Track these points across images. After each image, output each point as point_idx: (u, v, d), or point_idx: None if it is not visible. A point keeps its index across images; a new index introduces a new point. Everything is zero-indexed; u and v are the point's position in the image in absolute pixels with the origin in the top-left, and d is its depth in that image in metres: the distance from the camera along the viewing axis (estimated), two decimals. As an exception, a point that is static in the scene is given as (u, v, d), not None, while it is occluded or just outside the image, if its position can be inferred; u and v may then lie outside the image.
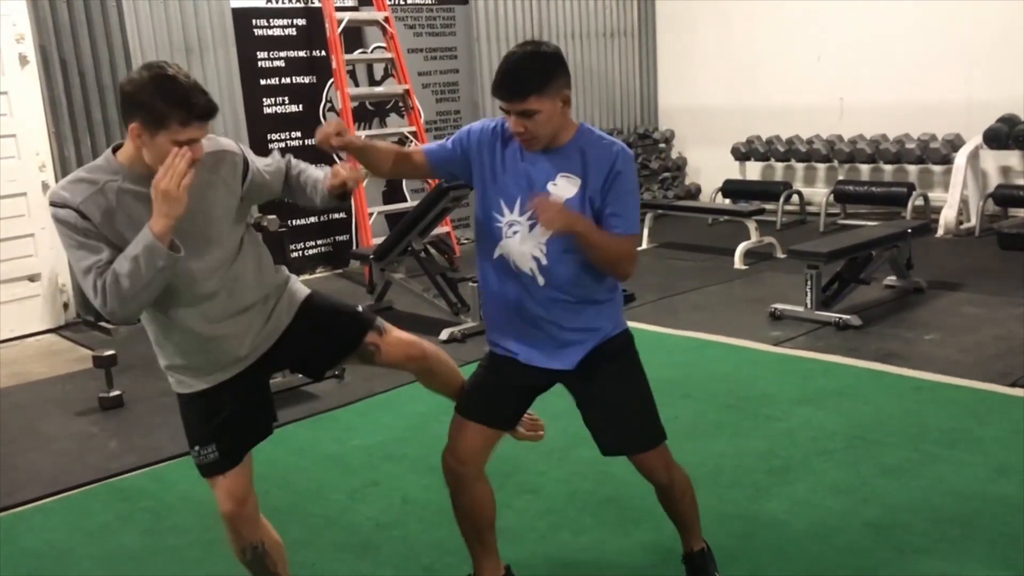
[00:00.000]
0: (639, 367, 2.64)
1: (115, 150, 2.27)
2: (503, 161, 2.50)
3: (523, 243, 2.47)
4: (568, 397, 4.43)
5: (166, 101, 2.10)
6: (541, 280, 2.49)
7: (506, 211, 2.49)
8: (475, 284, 5.80)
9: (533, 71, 2.37)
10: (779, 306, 5.77)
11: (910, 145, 8.53)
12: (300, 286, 2.62)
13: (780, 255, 7.39)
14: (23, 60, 6.34)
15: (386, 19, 7.90)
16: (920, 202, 8.31)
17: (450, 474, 2.69)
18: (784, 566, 2.97)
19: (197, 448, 2.46)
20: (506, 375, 2.63)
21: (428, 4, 8.64)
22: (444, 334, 5.67)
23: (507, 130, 2.49)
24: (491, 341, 2.68)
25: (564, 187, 2.43)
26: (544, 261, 2.47)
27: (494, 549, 2.82)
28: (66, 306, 6.65)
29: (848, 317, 5.47)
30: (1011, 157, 8.20)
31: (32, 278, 6.48)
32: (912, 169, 8.73)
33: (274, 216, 7.25)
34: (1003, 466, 3.55)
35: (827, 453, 3.78)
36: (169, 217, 2.14)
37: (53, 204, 2.19)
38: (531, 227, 2.46)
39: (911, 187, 8.34)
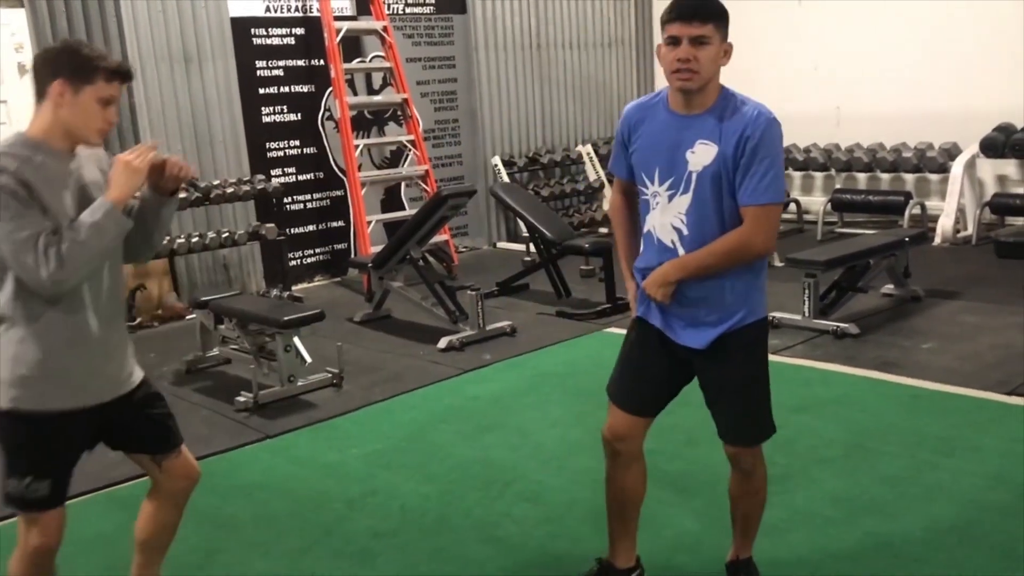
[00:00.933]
0: (765, 362, 2.64)
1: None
2: (647, 132, 2.53)
3: (663, 214, 2.50)
4: (566, 404, 4.43)
5: (92, 55, 2.23)
6: (682, 252, 2.48)
7: (649, 183, 2.52)
8: (473, 292, 5.82)
9: (715, 1, 2.39)
10: (777, 315, 5.77)
11: (907, 154, 8.55)
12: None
13: (778, 263, 7.39)
14: (22, 69, 6.35)
15: (384, 28, 7.92)
16: (917, 211, 8.32)
17: (608, 448, 2.73)
18: (783, 575, 2.97)
19: (29, 480, 2.27)
20: (650, 348, 2.63)
21: (427, 13, 8.67)
22: (442, 342, 5.67)
23: (653, 103, 2.53)
24: (640, 309, 2.66)
25: (702, 153, 2.42)
26: (685, 232, 2.47)
27: (633, 534, 2.83)
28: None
29: (846, 326, 5.47)
30: (1007, 166, 8.22)
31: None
32: (909, 178, 8.75)
33: (272, 224, 7.31)
34: (1001, 475, 3.55)
35: (826, 461, 3.79)
36: (127, 189, 2.25)
37: None
38: (670, 197, 2.48)
39: (908, 196, 8.36)
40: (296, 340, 5.01)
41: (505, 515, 3.50)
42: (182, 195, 2.53)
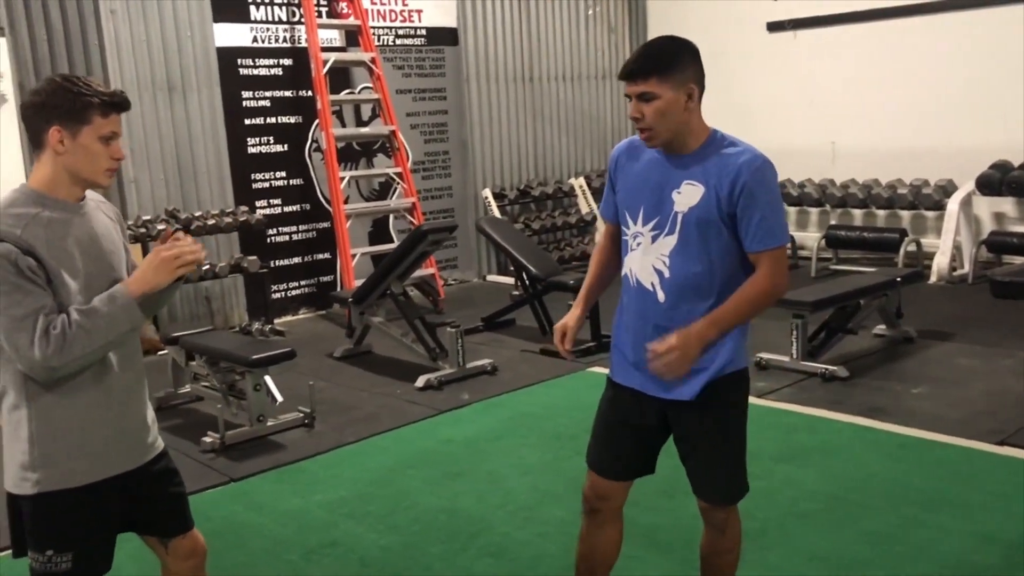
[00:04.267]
0: (744, 417, 2.52)
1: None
2: (633, 173, 2.45)
3: (645, 255, 2.39)
4: (542, 449, 4.28)
5: (84, 94, 2.05)
6: (661, 296, 2.38)
7: (631, 223, 2.43)
8: (453, 329, 5.68)
9: (660, 52, 2.30)
10: (764, 355, 5.62)
11: (903, 190, 8.43)
12: None
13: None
14: (1, 99, 6.26)
15: (372, 60, 7.85)
16: (913, 247, 8.19)
17: (587, 505, 2.65)
18: (754, 642, 2.81)
19: (50, 553, 2.12)
20: (623, 410, 2.53)
21: (417, 45, 8.60)
22: (420, 381, 5.52)
23: (641, 142, 2.44)
24: (612, 368, 2.57)
25: (688, 194, 2.33)
26: (667, 274, 2.36)
27: None
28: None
29: (834, 368, 5.32)
30: (1004, 203, 8.09)
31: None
32: (905, 215, 8.62)
33: (255, 257, 7.19)
34: (988, 534, 3.38)
35: (806, 516, 3.62)
36: (152, 285, 2.07)
37: None
38: (653, 238, 2.37)
39: (903, 233, 8.23)
40: (267, 379, 4.87)
41: (467, 571, 3.33)
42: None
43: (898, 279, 5.96)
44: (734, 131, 2.42)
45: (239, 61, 7.46)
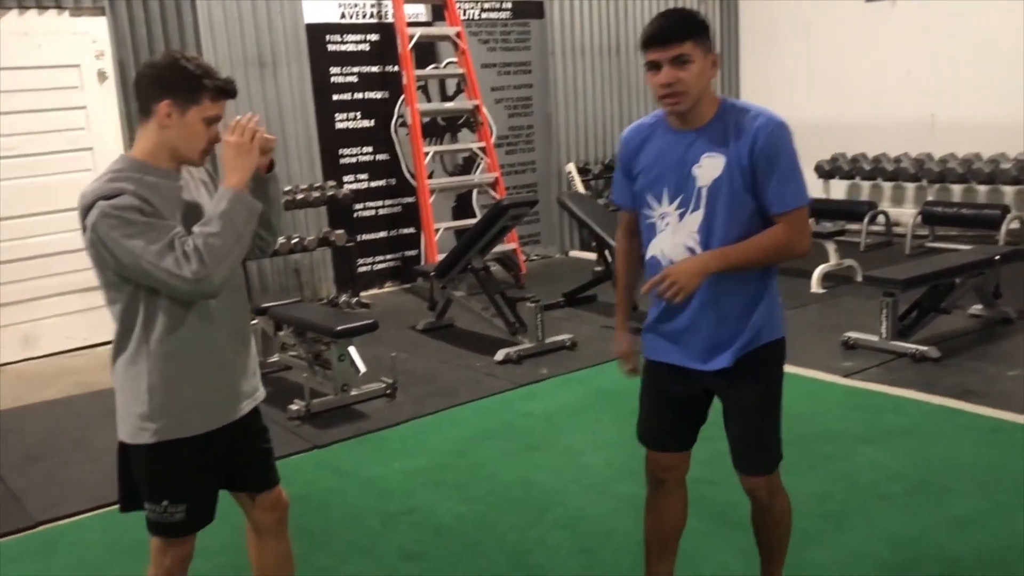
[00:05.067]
0: (780, 388, 2.52)
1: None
2: (649, 154, 2.45)
3: (675, 234, 2.39)
4: (618, 425, 4.28)
5: (198, 74, 2.15)
6: None
7: (656, 204, 2.43)
8: (533, 304, 5.69)
9: (688, 18, 2.32)
10: (853, 335, 5.48)
11: (1006, 165, 8.06)
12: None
13: (859, 279, 7.06)
14: (102, 76, 6.51)
15: (458, 34, 7.87)
16: (1016, 225, 7.84)
17: (651, 476, 2.68)
18: (828, 624, 2.76)
19: (166, 504, 2.28)
20: (664, 385, 2.56)
21: (503, 19, 8.59)
22: (499, 355, 5.57)
23: (651, 124, 2.46)
24: (646, 346, 2.60)
25: (709, 167, 2.33)
26: (699, 251, 2.35)
27: (670, 567, 2.75)
28: (137, 316, 6.79)
29: (925, 348, 5.15)
30: (1117, 178, 7.67)
31: (105, 288, 6.64)
32: (1008, 190, 8.25)
33: (342, 231, 7.33)
34: (1083, 522, 3.24)
35: (888, 498, 3.53)
36: (244, 170, 2.18)
37: (104, 197, 2.09)
38: (680, 216, 2.38)
39: (1006, 209, 7.87)
40: (351, 349, 4.98)
41: (540, 542, 3.36)
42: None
43: (996, 257, 5.72)
44: (827, 103, 2.38)
45: (327, 37, 7.58)
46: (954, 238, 8.31)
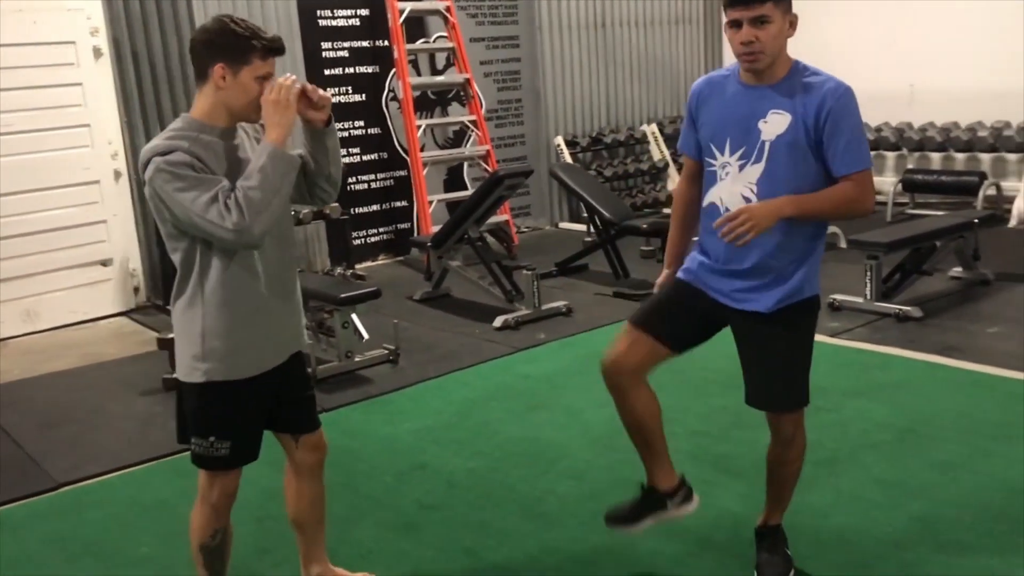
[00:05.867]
0: (812, 339, 2.66)
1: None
2: (718, 105, 2.58)
3: (734, 183, 2.54)
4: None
5: (246, 36, 2.29)
6: None
7: (718, 154, 2.57)
8: (529, 272, 5.85)
9: None
10: (839, 297, 5.67)
11: (983, 133, 8.28)
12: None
13: (843, 245, 7.25)
14: (97, 53, 6.57)
15: (447, 8, 7.96)
16: (992, 191, 8.06)
17: (609, 381, 2.74)
18: (825, 557, 2.95)
19: (213, 439, 2.44)
20: (689, 297, 2.67)
21: (490, -7, 8.68)
22: (498, 321, 5.73)
23: (724, 76, 2.59)
24: (686, 270, 2.71)
25: (775, 123, 2.46)
26: (754, 201, 2.49)
27: (666, 457, 2.85)
28: (136, 290, 6.89)
29: (909, 309, 5.36)
30: (1090, 145, 7.90)
31: (105, 263, 6.73)
32: (985, 158, 8.47)
33: (336, 204, 7.42)
34: (1059, 463, 3.46)
35: (876, 446, 3.73)
36: (283, 126, 2.29)
37: (160, 153, 2.24)
38: (740, 167, 2.52)
39: (983, 176, 8.10)
40: (354, 317, 5.12)
41: (549, 491, 3.54)
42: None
43: (975, 220, 5.93)
44: (807, 73, 2.51)
45: (318, 12, 7.65)
46: (933, 205, 8.54)
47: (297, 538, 2.88)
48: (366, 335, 5.25)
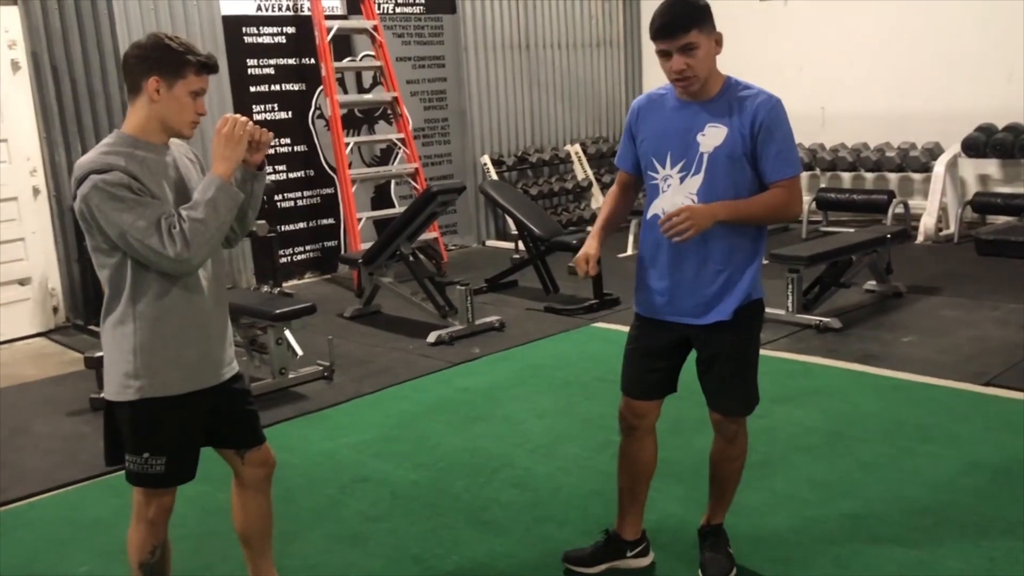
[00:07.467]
0: (759, 337, 2.80)
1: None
2: (658, 121, 2.70)
3: (675, 194, 2.65)
4: (554, 395, 4.51)
5: (180, 51, 2.31)
6: None
7: (660, 167, 2.68)
8: (463, 288, 5.89)
9: (691, 8, 2.55)
10: (761, 309, 5.86)
11: (890, 153, 8.67)
12: None
13: (763, 260, 7.49)
14: (15, 66, 6.40)
15: (375, 27, 8.00)
16: (900, 209, 8.44)
17: (624, 424, 2.91)
18: (764, 554, 3.06)
19: (147, 456, 2.40)
20: (652, 336, 2.80)
21: (416, 13, 8.74)
22: (432, 337, 5.75)
23: (661, 94, 2.71)
24: (639, 302, 2.82)
25: (713, 136, 2.59)
26: None
27: (641, 508, 2.99)
28: (56, 310, 6.68)
29: (828, 320, 5.58)
30: (989, 165, 8.35)
31: (22, 282, 6.52)
32: (892, 177, 8.88)
33: (263, 221, 7.35)
34: (976, 460, 3.65)
35: (806, 449, 3.88)
36: (232, 160, 2.32)
37: (97, 171, 2.22)
38: (681, 179, 2.63)
39: (891, 194, 8.47)
40: (287, 333, 5.08)
41: (493, 500, 3.58)
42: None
43: (888, 235, 6.22)
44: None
45: (244, 29, 7.60)
46: (845, 223, 8.88)
47: (244, 553, 2.84)
48: (300, 352, 5.21)
